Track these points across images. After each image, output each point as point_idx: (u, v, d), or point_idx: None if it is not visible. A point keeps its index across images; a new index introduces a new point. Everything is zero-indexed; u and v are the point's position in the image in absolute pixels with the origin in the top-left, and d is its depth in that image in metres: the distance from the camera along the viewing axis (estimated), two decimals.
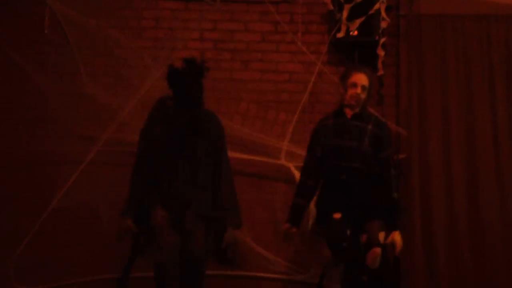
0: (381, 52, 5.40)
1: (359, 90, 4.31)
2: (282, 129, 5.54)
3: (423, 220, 5.26)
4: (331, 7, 5.47)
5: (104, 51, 5.59)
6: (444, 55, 5.52)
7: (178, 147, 4.17)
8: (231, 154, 5.28)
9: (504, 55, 5.48)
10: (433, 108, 5.45)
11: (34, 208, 5.32)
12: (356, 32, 5.36)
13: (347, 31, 5.38)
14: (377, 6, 5.32)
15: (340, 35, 5.42)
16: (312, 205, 5.10)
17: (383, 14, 5.37)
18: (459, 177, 5.34)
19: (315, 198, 4.51)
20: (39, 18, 5.62)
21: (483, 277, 5.21)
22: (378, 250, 4.06)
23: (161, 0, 5.76)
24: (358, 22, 5.34)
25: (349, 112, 4.35)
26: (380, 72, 5.43)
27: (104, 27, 5.55)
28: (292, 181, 5.31)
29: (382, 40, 5.39)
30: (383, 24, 5.38)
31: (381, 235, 4.16)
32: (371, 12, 5.32)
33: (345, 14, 5.37)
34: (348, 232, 4.10)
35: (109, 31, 5.56)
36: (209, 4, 5.66)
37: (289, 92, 5.64)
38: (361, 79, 4.34)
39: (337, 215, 4.12)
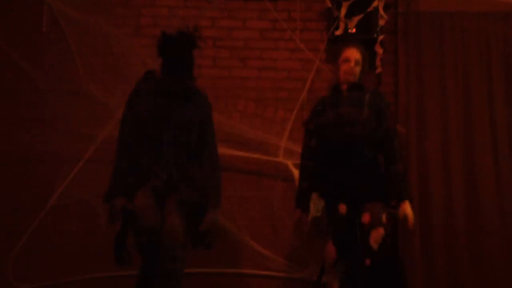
0: (379, 50, 5.41)
1: (352, 63, 4.29)
2: (281, 127, 5.53)
3: (422, 218, 5.24)
4: (329, 4, 5.47)
5: (102, 49, 5.57)
6: (442, 53, 5.52)
7: (165, 118, 4.07)
8: (230, 151, 5.35)
9: (503, 52, 5.48)
10: (432, 105, 5.44)
11: (33, 206, 5.33)
12: (354, 30, 5.36)
13: (345, 28, 5.38)
14: (375, 3, 5.33)
15: (338, 32, 5.42)
16: (310, 203, 5.17)
17: (381, 11, 5.38)
18: (457, 175, 5.34)
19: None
20: (37, 16, 5.62)
21: (481, 277, 5.21)
22: (381, 230, 4.04)
23: None
24: (356, 19, 5.34)
25: (344, 87, 4.31)
26: (379, 70, 5.44)
27: (102, 25, 5.54)
28: (290, 178, 5.32)
29: (380, 37, 5.40)
30: (381, 22, 5.39)
31: (384, 216, 4.11)
32: (369, 9, 5.33)
33: (343, 11, 5.37)
34: (345, 209, 4.10)
35: (107, 29, 5.55)
36: (207, 1, 5.66)
37: (288, 90, 5.64)
38: (352, 53, 4.32)
39: (343, 209, 4.13)
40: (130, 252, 4.04)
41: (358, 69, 4.33)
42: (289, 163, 5.36)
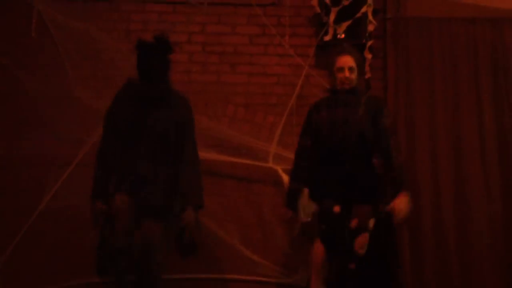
0: (368, 55, 5.42)
1: (347, 73, 4.33)
2: (270, 132, 5.54)
3: (410, 224, 5.24)
4: (318, 10, 5.48)
5: (92, 54, 5.58)
6: (431, 58, 5.54)
7: (140, 122, 4.15)
8: (219, 157, 5.36)
9: (490, 58, 5.50)
10: (421, 110, 5.46)
11: (22, 210, 5.30)
12: (343, 35, 5.38)
13: (334, 34, 5.41)
14: (364, 9, 5.35)
15: (327, 38, 5.44)
16: (300, 208, 5.17)
17: (370, 17, 5.40)
18: (446, 178, 5.35)
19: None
20: (26, 21, 5.61)
21: (469, 276, 5.23)
22: (367, 235, 4.05)
23: (148, 3, 5.76)
24: (345, 25, 5.37)
25: (342, 92, 4.36)
26: (368, 75, 5.44)
27: (92, 30, 5.54)
28: (280, 184, 5.32)
29: (369, 43, 5.42)
30: (370, 27, 5.41)
31: (371, 222, 4.13)
32: (358, 15, 5.35)
33: (332, 17, 5.39)
34: (338, 209, 4.12)
35: (96, 34, 5.55)
36: (197, 7, 5.67)
37: (277, 95, 5.65)
38: (346, 61, 4.37)
39: (337, 208, 4.13)
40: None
41: (354, 76, 4.37)
42: (279, 169, 5.35)
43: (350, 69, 4.35)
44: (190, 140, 4.34)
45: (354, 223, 4.09)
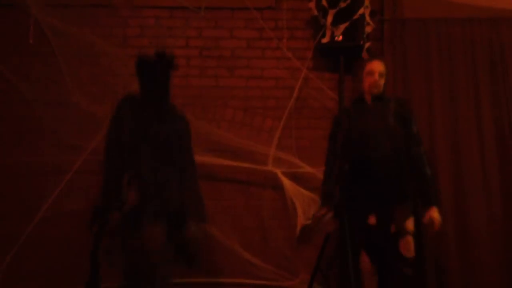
0: (366, 57, 5.41)
1: (376, 77, 4.36)
2: (269, 135, 5.55)
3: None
4: (315, 12, 5.48)
5: (89, 60, 5.58)
6: (428, 59, 5.55)
7: (144, 138, 4.14)
8: (219, 161, 5.35)
9: (488, 58, 5.51)
10: (419, 112, 5.43)
11: (21, 217, 5.28)
12: (341, 37, 5.35)
13: (332, 36, 5.39)
14: (361, 11, 5.34)
15: (325, 40, 5.41)
16: (299, 211, 5.18)
17: (368, 19, 5.41)
18: (445, 180, 5.34)
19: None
20: (24, 28, 5.60)
21: (469, 273, 5.24)
22: (409, 238, 4.09)
23: (145, 8, 5.76)
24: (342, 27, 5.34)
25: (368, 98, 4.38)
26: None
27: (89, 36, 5.55)
28: (279, 187, 5.34)
29: (367, 44, 5.41)
30: (368, 29, 5.41)
31: (409, 222, 4.15)
32: (355, 17, 5.33)
33: (329, 19, 5.37)
34: (373, 221, 4.14)
35: (94, 40, 5.55)
36: (194, 11, 5.67)
37: (275, 98, 5.66)
38: (377, 66, 4.41)
39: (372, 220, 4.14)
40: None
41: (382, 82, 4.40)
42: (278, 172, 5.37)
43: (380, 74, 4.38)
44: (190, 155, 4.37)
45: (392, 228, 4.13)
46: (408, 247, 4.07)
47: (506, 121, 5.43)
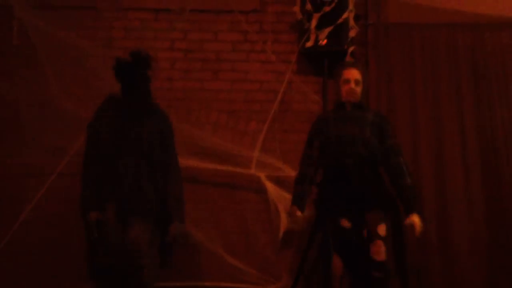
0: (350, 61, 5.43)
1: (352, 85, 4.39)
2: (253, 139, 5.54)
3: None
4: (300, 16, 5.49)
5: (74, 62, 5.53)
6: (412, 63, 5.58)
7: (124, 135, 4.17)
8: (202, 164, 5.35)
9: (471, 63, 5.54)
10: (402, 115, 5.49)
11: (3, 220, 5.24)
12: (325, 41, 5.36)
13: (316, 40, 5.39)
14: (345, 15, 5.35)
15: (309, 44, 5.42)
16: (282, 215, 5.19)
17: (352, 23, 5.42)
18: (428, 182, 5.37)
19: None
20: (7, 29, 5.58)
21: (451, 275, 5.26)
22: (379, 242, 4.12)
23: (130, 11, 5.75)
24: (327, 31, 5.35)
25: (348, 105, 4.39)
26: None
27: (74, 38, 5.52)
28: (263, 190, 5.34)
29: (351, 49, 5.42)
30: (352, 33, 5.42)
31: (381, 228, 4.18)
32: (339, 21, 5.34)
33: (314, 23, 5.38)
34: (347, 223, 4.17)
35: (78, 41, 5.52)
36: (179, 14, 5.66)
37: (260, 102, 5.66)
38: (352, 74, 4.43)
39: (346, 223, 4.16)
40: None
41: (359, 89, 4.43)
42: (262, 175, 5.37)
43: (356, 81, 4.41)
44: (174, 156, 4.39)
45: (365, 232, 4.18)
46: (378, 250, 4.10)
47: (488, 124, 5.46)
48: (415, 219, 4.17)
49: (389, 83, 5.55)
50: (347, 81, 4.41)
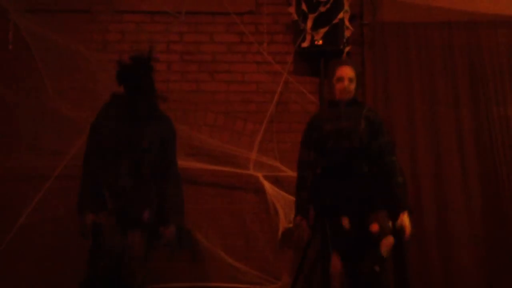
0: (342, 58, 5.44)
1: (346, 82, 4.35)
2: (250, 139, 5.55)
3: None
4: (295, 17, 5.50)
5: (70, 65, 5.54)
6: (408, 62, 5.60)
7: (126, 137, 4.16)
8: (200, 165, 5.35)
9: (467, 61, 5.57)
10: (399, 114, 5.51)
11: (2, 224, 5.24)
12: (321, 42, 5.39)
13: (312, 40, 5.42)
14: (340, 15, 5.37)
15: (305, 44, 5.45)
16: (281, 215, 5.20)
17: (347, 23, 5.44)
18: (426, 179, 5.41)
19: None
20: (3, 33, 5.58)
21: (450, 270, 5.28)
22: (391, 239, 4.12)
23: (126, 13, 5.75)
24: (322, 31, 5.37)
25: (342, 104, 4.37)
26: None
27: (69, 41, 5.52)
28: (261, 190, 5.36)
29: (347, 48, 5.44)
30: (347, 33, 5.44)
31: (389, 224, 4.17)
32: (335, 21, 5.36)
33: (309, 24, 5.41)
34: (349, 223, 4.15)
35: (74, 45, 5.53)
36: (174, 16, 5.67)
37: (256, 102, 5.67)
38: (346, 71, 4.39)
39: (346, 222, 4.16)
40: None
41: (352, 86, 4.39)
42: (260, 175, 5.38)
43: (350, 79, 4.38)
44: (173, 158, 4.37)
45: (375, 227, 4.11)
46: (388, 246, 4.10)
47: (484, 121, 5.48)
48: (405, 220, 4.17)
49: (385, 82, 5.56)
50: (341, 79, 4.37)
